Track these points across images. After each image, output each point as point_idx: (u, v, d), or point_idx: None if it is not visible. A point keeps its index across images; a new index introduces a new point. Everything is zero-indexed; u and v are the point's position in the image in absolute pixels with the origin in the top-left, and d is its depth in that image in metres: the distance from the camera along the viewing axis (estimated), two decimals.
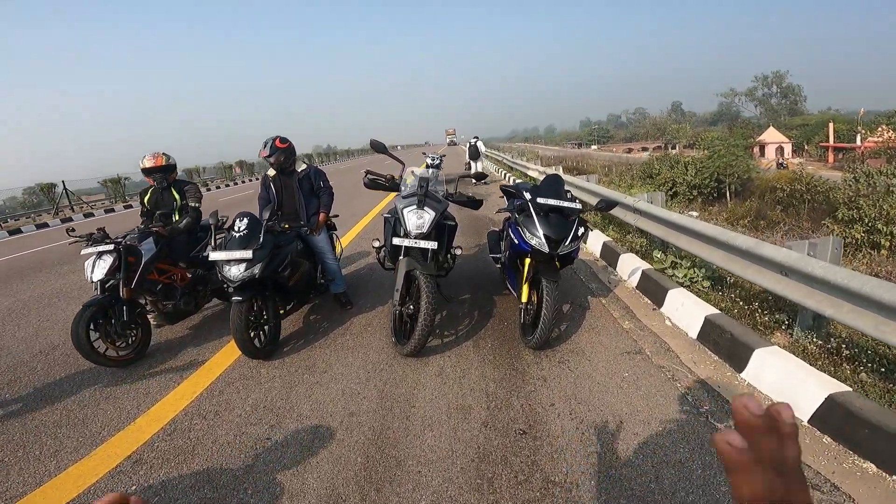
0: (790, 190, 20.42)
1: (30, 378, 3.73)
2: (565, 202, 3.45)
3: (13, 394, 3.49)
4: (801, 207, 19.17)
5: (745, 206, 20.56)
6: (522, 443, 2.51)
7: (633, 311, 4.13)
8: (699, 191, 23.59)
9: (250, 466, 2.49)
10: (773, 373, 2.76)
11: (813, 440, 2.39)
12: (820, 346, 3.04)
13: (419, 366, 3.42)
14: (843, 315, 2.60)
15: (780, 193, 20.83)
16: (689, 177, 23.65)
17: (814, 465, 2.23)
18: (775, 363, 2.77)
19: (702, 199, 23.63)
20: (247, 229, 3.61)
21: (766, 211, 19.20)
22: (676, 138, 62.15)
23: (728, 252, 3.63)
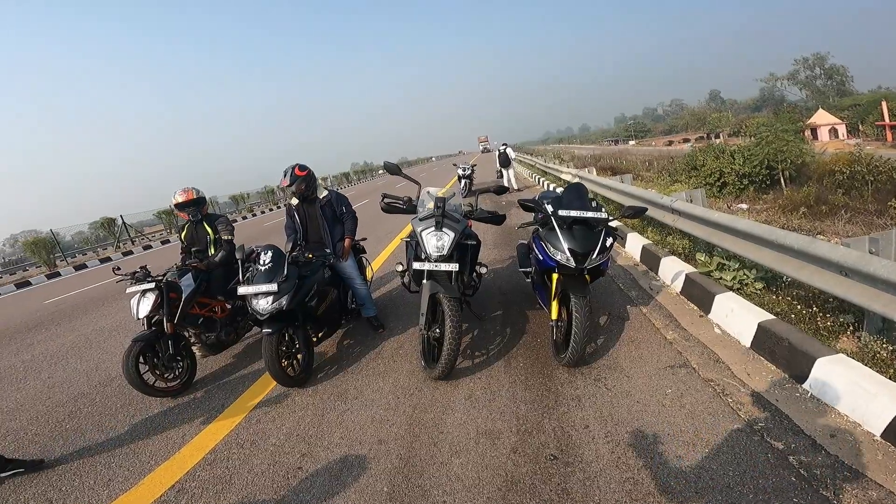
0: (850, 172, 19.03)
1: (89, 409, 3.95)
2: (589, 212, 3.27)
3: (73, 425, 3.71)
4: (865, 189, 17.80)
5: (802, 192, 19.27)
6: (553, 469, 2.37)
7: (677, 320, 3.88)
8: (750, 180, 22.37)
9: (282, 497, 2.51)
10: (839, 383, 2.50)
11: (886, 457, 2.14)
12: (892, 351, 2.73)
13: (449, 389, 3.33)
14: None
15: (839, 176, 19.46)
16: (737, 166, 22.47)
17: (887, 486, 1.99)
18: (841, 373, 2.51)
19: (753, 189, 22.40)
20: (271, 262, 3.66)
21: (826, 195, 17.92)
22: (719, 127, 59.47)
23: (779, 252, 3.34)
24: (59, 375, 4.93)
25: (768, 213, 10.32)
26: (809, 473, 2.11)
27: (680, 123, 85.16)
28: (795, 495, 2.01)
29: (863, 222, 8.83)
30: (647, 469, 2.29)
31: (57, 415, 3.94)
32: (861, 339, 2.91)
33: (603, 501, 2.12)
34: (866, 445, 2.23)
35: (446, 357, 3.24)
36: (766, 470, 2.17)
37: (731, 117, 63.61)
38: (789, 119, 36.40)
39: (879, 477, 2.04)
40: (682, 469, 2.25)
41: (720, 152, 24.11)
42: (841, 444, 2.27)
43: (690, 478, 2.19)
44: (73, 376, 4.84)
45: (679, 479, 2.19)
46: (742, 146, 24.90)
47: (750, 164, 23.05)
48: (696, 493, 2.09)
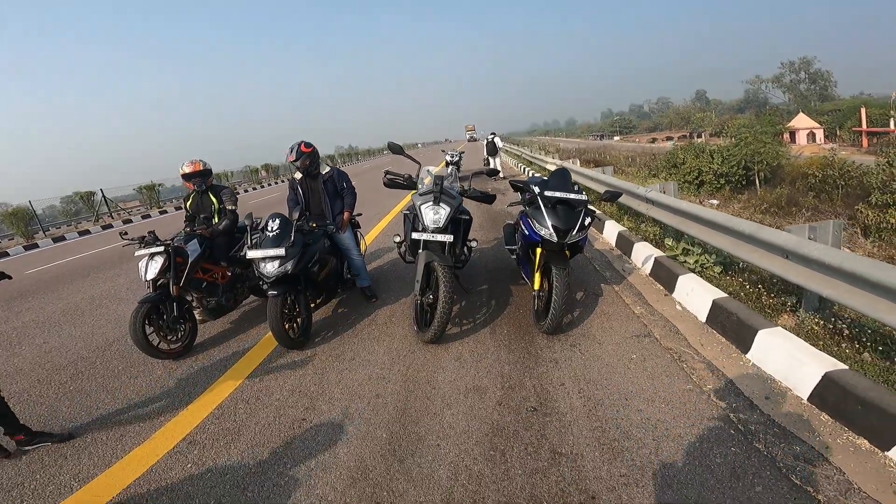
0: (822, 176, 19.90)
1: (91, 371, 4.10)
2: (572, 194, 3.64)
3: (77, 386, 3.85)
4: (835, 193, 18.66)
5: (775, 193, 20.08)
6: (533, 419, 2.72)
7: (644, 297, 4.29)
8: (727, 179, 23.13)
9: (288, 444, 2.77)
10: (776, 353, 2.88)
11: (811, 416, 2.52)
12: (823, 326, 3.14)
13: (439, 352, 3.67)
14: (841, 296, 2.72)
15: (811, 179, 20.31)
16: (715, 165, 23.21)
17: (809, 441, 2.35)
18: (778, 344, 2.89)
19: (730, 188, 23.18)
20: (279, 229, 3.93)
21: (797, 197, 18.73)
22: (702, 127, 60.78)
23: (734, 238, 3.75)
24: (54, 341, 5.03)
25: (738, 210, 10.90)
26: (746, 428, 2.48)
27: (665, 121, 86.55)
28: (734, 445, 2.38)
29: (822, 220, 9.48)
30: (614, 420, 2.65)
31: (59, 377, 4.05)
32: (799, 317, 3.33)
33: (576, 444, 2.48)
34: (794, 407, 2.61)
35: (439, 320, 3.57)
36: (710, 424, 2.54)
37: (714, 117, 65.03)
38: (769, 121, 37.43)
39: (803, 434, 2.40)
40: (642, 420, 2.62)
41: (700, 151, 24.85)
42: (773, 405, 2.65)
43: (648, 427, 2.56)
44: (68, 342, 4.95)
45: (639, 428, 2.56)
46: (721, 146, 25.68)
47: (728, 164, 23.82)
48: (654, 440, 2.45)
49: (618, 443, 2.46)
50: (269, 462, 2.63)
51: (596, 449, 2.43)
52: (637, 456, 2.35)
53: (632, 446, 2.42)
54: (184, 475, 2.61)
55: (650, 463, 2.30)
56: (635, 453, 2.37)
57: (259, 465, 2.62)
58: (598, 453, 2.39)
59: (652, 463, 2.30)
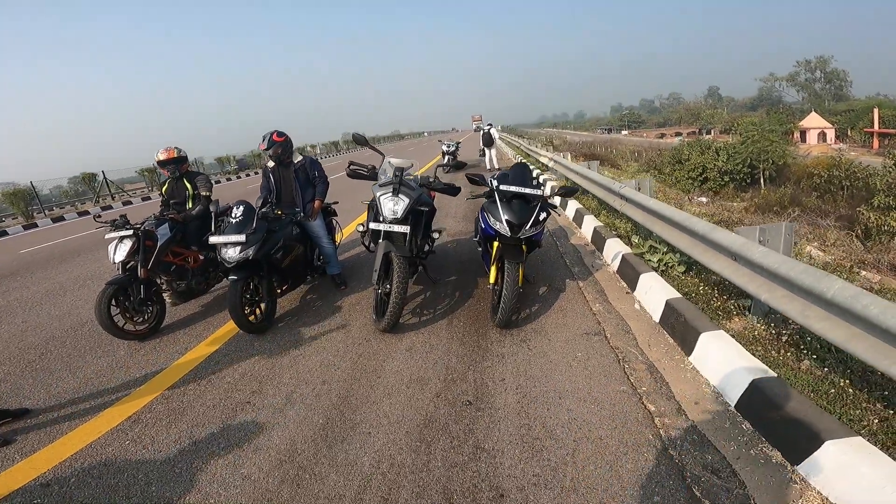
0: (828, 176, 19.64)
1: (59, 351, 4.20)
2: (527, 188, 3.65)
3: (43, 365, 3.94)
4: (839, 194, 18.43)
5: (778, 192, 19.86)
6: (466, 412, 2.76)
7: (606, 294, 4.29)
8: (731, 177, 22.89)
9: (228, 425, 2.84)
10: (713, 357, 2.86)
11: (733, 425, 2.49)
12: (769, 331, 3.12)
13: (393, 341, 3.71)
14: (777, 300, 2.70)
15: (817, 179, 20.07)
16: (720, 162, 22.96)
17: (723, 450, 2.32)
18: (718, 347, 2.87)
19: (734, 186, 22.93)
20: (242, 216, 3.99)
21: (800, 197, 18.52)
22: (711, 123, 59.98)
23: (691, 237, 3.73)
24: (32, 320, 5.15)
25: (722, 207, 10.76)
26: (666, 434, 2.47)
27: (674, 117, 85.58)
28: (649, 451, 2.37)
29: (807, 221, 9.36)
30: (541, 418, 2.66)
31: (28, 356, 4.15)
32: (748, 320, 3.32)
33: (500, 441, 2.50)
34: (720, 414, 2.57)
35: (391, 310, 3.61)
36: (633, 427, 2.54)
37: (724, 114, 64.13)
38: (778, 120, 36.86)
39: (720, 443, 2.37)
40: (569, 420, 2.63)
41: (706, 148, 24.57)
42: (700, 411, 2.62)
43: (572, 427, 2.57)
44: (46, 321, 5.07)
45: (563, 427, 2.57)
46: (728, 143, 25.36)
47: (733, 162, 23.53)
48: (574, 441, 2.47)
49: (539, 441, 2.48)
50: (204, 442, 2.71)
51: (517, 446, 2.45)
52: (554, 456, 2.37)
53: (551, 446, 2.44)
54: (120, 451, 2.70)
55: (563, 464, 2.31)
56: (553, 453, 2.39)
57: (194, 444, 2.70)
58: (518, 451, 2.42)
59: (566, 464, 2.31)
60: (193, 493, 2.33)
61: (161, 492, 2.36)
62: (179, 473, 2.47)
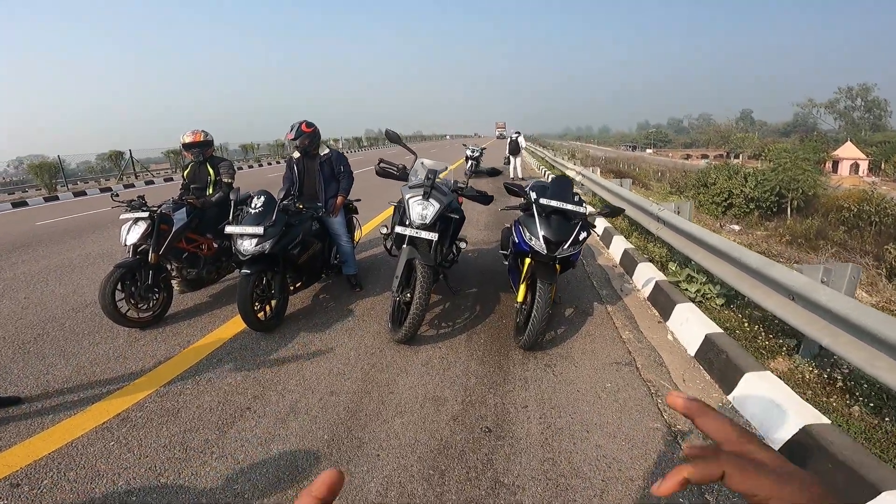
0: (857, 210, 19.04)
1: (56, 333, 3.98)
2: (569, 205, 3.39)
3: (36, 348, 3.70)
4: (867, 230, 17.84)
5: (805, 223, 19.29)
6: (485, 441, 2.52)
7: (636, 322, 4.01)
8: (757, 204, 22.32)
9: (224, 433, 2.62)
10: (757, 397, 2.65)
11: None
12: (818, 375, 2.89)
13: (409, 353, 3.48)
14: (840, 346, 2.46)
15: (846, 213, 19.48)
16: (747, 189, 22.40)
17: None
18: (763, 388, 2.65)
19: (759, 213, 22.35)
20: (262, 207, 3.80)
21: (827, 231, 17.97)
22: (741, 147, 58.80)
23: (739, 269, 3.45)
24: (35, 297, 4.96)
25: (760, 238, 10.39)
26: None
27: (703, 138, 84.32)
28: (682, 496, 2.14)
29: (844, 259, 8.95)
30: (566, 452, 2.42)
31: (24, 336, 3.93)
32: (795, 362, 3.05)
33: (521, 476, 2.26)
34: None
35: (411, 320, 3.38)
36: (668, 469, 2.28)
37: (756, 139, 62.77)
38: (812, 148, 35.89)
39: None
40: (598, 457, 2.38)
41: (734, 173, 23.99)
42: None
43: (602, 465, 2.32)
44: (48, 299, 4.88)
45: (592, 465, 2.33)
46: (757, 169, 24.75)
47: (761, 189, 22.93)
48: (602, 480, 2.22)
49: (565, 479, 2.23)
50: (197, 449, 2.49)
51: (540, 483, 2.20)
52: (581, 496, 2.13)
53: (578, 485, 2.20)
54: (102, 453, 2.48)
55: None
56: (579, 493, 2.15)
57: (185, 451, 2.48)
58: (540, 489, 2.17)
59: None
60: None
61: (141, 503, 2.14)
62: (164, 485, 2.24)
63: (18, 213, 12.75)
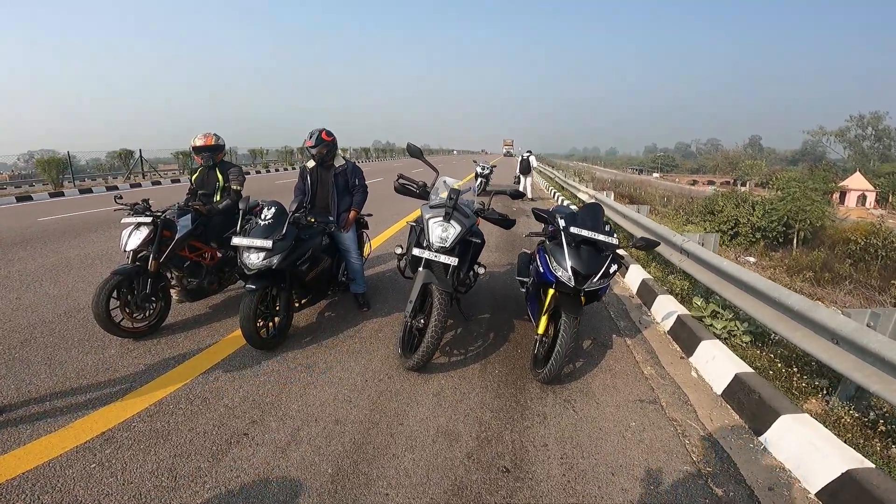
0: (864, 243, 18.88)
1: (45, 339, 3.77)
2: (601, 235, 3.19)
3: (23, 355, 3.49)
4: (873, 263, 17.67)
5: (811, 255, 19.12)
6: (502, 482, 2.32)
7: (658, 357, 3.81)
8: (763, 234, 22.14)
9: (218, 460, 2.41)
10: (793, 440, 2.52)
11: None
12: (856, 418, 2.77)
13: (419, 382, 3.28)
14: (890, 393, 2.31)
15: (852, 246, 19.33)
16: (754, 218, 22.24)
17: None
18: (799, 431, 2.52)
19: (765, 243, 22.16)
20: (272, 219, 3.61)
21: (833, 263, 17.77)
22: (749, 175, 58.70)
23: (776, 310, 3.26)
24: (27, 298, 4.76)
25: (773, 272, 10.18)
26: None
27: (710, 164, 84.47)
28: (686, 491, 2.06)
29: (863, 295, 8.74)
30: (592, 497, 2.24)
31: (10, 341, 3.73)
32: (829, 403, 2.94)
33: None
34: (798, 501, 2.25)
35: (425, 348, 3.18)
36: None
37: (764, 166, 62.65)
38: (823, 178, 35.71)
39: None
40: (623, 502, 2.21)
41: (742, 201, 23.88)
42: (776, 497, 2.31)
43: None
44: (41, 300, 4.67)
45: None
46: (765, 198, 24.63)
47: (768, 219, 22.78)
48: None
49: None
50: (187, 477, 2.29)
51: None
52: None
53: None
54: (82, 476, 2.28)
55: None
56: None
57: (174, 479, 2.27)
58: None
59: None
60: None
61: None
62: None
63: (22, 207, 12.63)
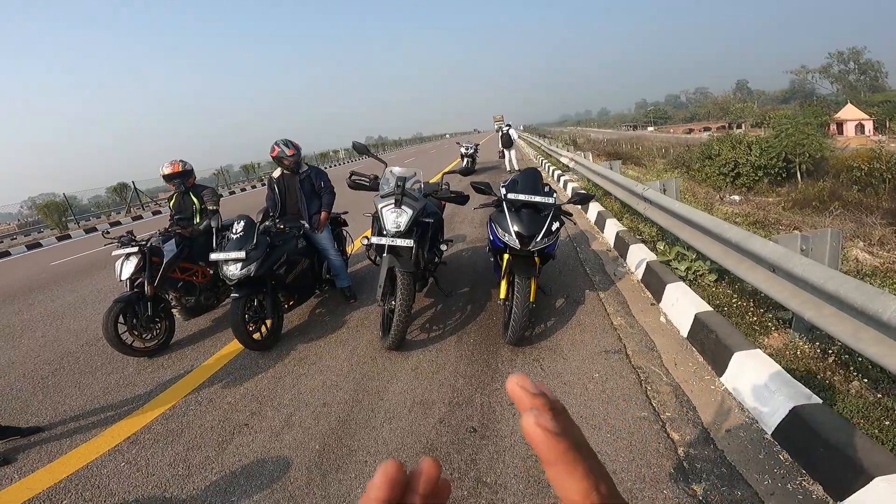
0: (868, 169, 18.63)
1: (72, 367, 4.17)
2: (538, 197, 3.40)
3: (54, 382, 3.92)
4: (881, 187, 17.47)
5: (817, 186, 18.91)
6: (469, 441, 2.54)
7: (629, 307, 3.99)
8: (765, 172, 21.91)
9: (223, 448, 2.74)
10: (748, 379, 2.56)
11: (769, 456, 2.20)
12: (813, 350, 2.79)
13: (399, 360, 3.52)
14: (824, 319, 2.38)
15: (856, 173, 19.08)
16: (752, 157, 22.00)
17: (756, 485, 2.05)
18: (752, 368, 2.57)
19: (768, 181, 21.93)
20: (242, 231, 3.88)
21: (840, 191, 17.59)
22: (742, 117, 57.75)
23: (723, 245, 3.41)
24: (51, 334, 5.16)
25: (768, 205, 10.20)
26: (690, 466, 2.20)
27: (702, 112, 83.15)
28: (669, 486, 2.11)
29: (851, 218, 8.72)
30: None
31: (42, 372, 4.16)
32: (789, 336, 2.98)
33: (503, 474, 2.28)
34: (754, 443, 2.28)
35: (395, 328, 3.42)
36: (652, 459, 2.27)
37: (755, 108, 61.73)
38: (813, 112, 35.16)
39: (752, 476, 2.09)
40: None
41: (737, 142, 23.62)
42: (732, 439, 2.34)
43: None
44: (64, 335, 5.07)
45: None
46: (760, 138, 24.31)
47: (766, 156, 22.54)
48: None
49: (544, 474, 2.24)
50: (198, 466, 2.62)
51: (522, 481, 2.22)
52: None
53: None
54: (114, 473, 2.66)
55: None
56: None
57: (187, 468, 2.62)
58: (522, 486, 2.19)
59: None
60: None
61: None
62: (169, 499, 2.39)
63: (33, 254, 13.12)
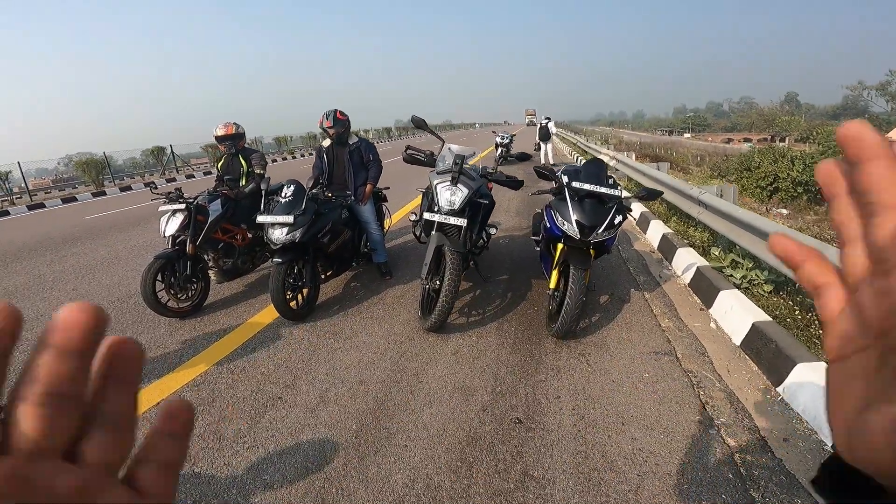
0: None
1: None
2: (603, 188, 3.25)
3: None
4: None
5: None
6: (514, 432, 2.44)
7: (676, 310, 3.82)
8: (805, 188, 21.15)
9: (256, 422, 2.64)
10: (810, 390, 2.45)
11: None
12: None
13: (438, 342, 3.43)
14: None
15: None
16: (795, 172, 21.23)
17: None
18: (815, 379, 2.46)
19: (807, 198, 21.17)
20: (292, 196, 3.84)
21: None
22: (787, 131, 55.61)
23: None
24: (83, 288, 5.19)
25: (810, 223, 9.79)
26: (748, 473, 2.10)
27: (745, 122, 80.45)
28: (727, 492, 2.01)
29: None
30: (600, 445, 2.32)
31: None
32: None
33: (551, 469, 2.18)
34: (814, 454, 2.20)
35: (440, 309, 3.33)
36: (709, 464, 2.17)
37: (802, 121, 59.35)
38: None
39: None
40: (633, 451, 2.27)
41: (780, 156, 22.76)
42: (790, 448, 2.25)
43: (637, 459, 2.21)
44: (96, 290, 5.10)
45: (627, 459, 2.22)
46: (805, 153, 23.44)
47: (809, 172, 21.70)
48: (638, 475, 2.12)
49: (598, 473, 2.13)
50: (229, 439, 2.52)
51: (572, 477, 2.12)
52: (614, 492, 2.03)
53: (612, 479, 2.10)
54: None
55: (625, 502, 1.97)
56: (613, 488, 2.05)
57: (218, 440, 2.51)
58: (572, 483, 2.09)
59: (627, 502, 1.97)
60: (208, 498, 2.14)
61: None
62: (198, 474, 2.28)
63: (69, 208, 13.42)
